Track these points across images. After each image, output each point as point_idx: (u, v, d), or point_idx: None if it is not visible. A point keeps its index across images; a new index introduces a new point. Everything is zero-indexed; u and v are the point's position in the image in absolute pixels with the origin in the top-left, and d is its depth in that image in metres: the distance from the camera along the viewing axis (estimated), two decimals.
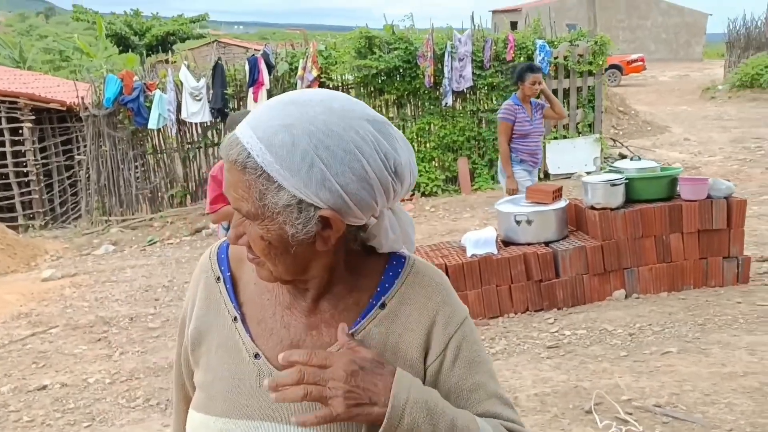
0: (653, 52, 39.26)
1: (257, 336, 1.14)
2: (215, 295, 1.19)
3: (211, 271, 1.21)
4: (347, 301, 1.14)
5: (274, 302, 1.15)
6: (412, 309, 1.13)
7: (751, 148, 12.53)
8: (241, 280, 1.20)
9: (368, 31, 10.12)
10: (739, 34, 22.40)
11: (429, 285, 1.15)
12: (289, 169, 0.96)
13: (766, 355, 4.22)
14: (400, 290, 1.14)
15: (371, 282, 1.15)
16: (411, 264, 1.17)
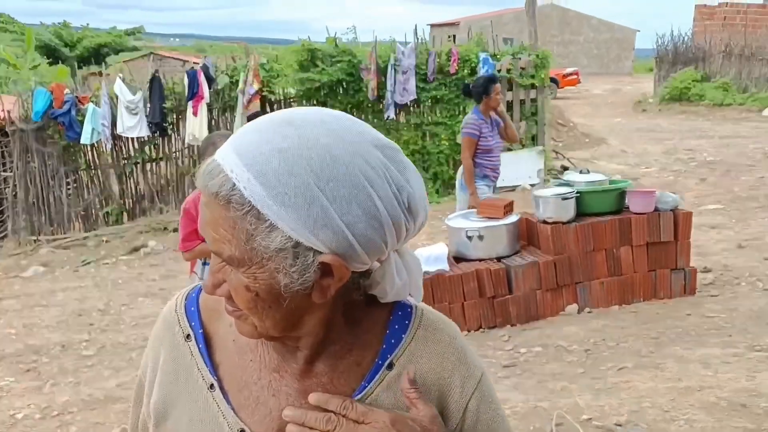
0: (586, 66, 40.36)
1: (240, 407, 0.94)
2: (184, 358, 0.98)
3: (178, 327, 1.00)
4: (347, 361, 0.95)
5: (258, 364, 0.95)
6: (425, 369, 0.96)
7: (684, 159, 12.88)
8: (215, 336, 0.99)
9: (311, 44, 9.96)
10: (668, 50, 23.15)
11: (441, 341, 0.98)
12: (284, 205, 0.78)
13: (719, 368, 4.23)
14: (410, 347, 0.96)
15: (374, 338, 0.96)
16: (419, 315, 0.99)
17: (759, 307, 5.19)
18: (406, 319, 0.98)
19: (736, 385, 4.00)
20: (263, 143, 0.80)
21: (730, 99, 19.80)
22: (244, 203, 0.78)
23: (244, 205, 0.78)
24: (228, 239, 0.80)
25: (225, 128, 10.11)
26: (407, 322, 0.98)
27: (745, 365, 4.25)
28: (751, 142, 13.89)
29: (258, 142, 0.80)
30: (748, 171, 11.09)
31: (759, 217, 8.08)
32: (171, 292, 7.39)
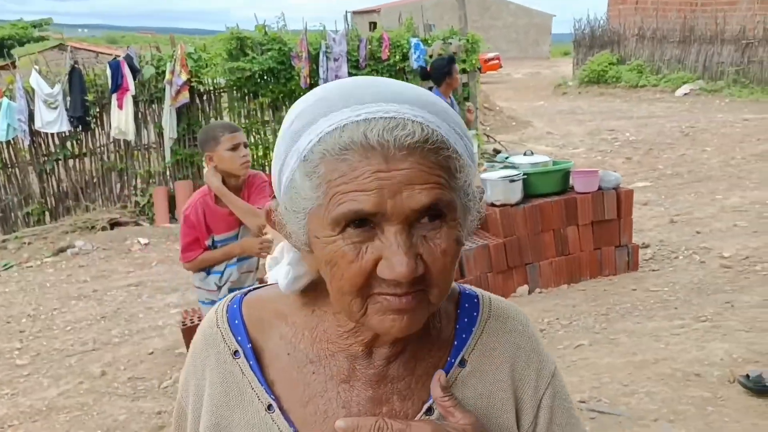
0: (505, 51, 41.11)
1: (304, 425, 0.85)
2: (234, 377, 0.88)
3: (224, 344, 0.89)
4: (426, 363, 0.87)
5: (323, 376, 0.86)
6: (499, 362, 0.90)
7: (608, 139, 13.29)
8: (266, 350, 0.89)
9: (239, 32, 9.67)
10: (584, 34, 23.81)
11: (514, 330, 0.92)
12: (460, 139, 0.77)
13: (670, 340, 4.37)
14: (481, 340, 0.90)
15: (447, 332, 0.90)
16: (487, 305, 0.93)
17: (699, 279, 5.40)
18: (474, 310, 0.92)
19: (688, 355, 4.13)
20: (406, 89, 0.77)
21: (645, 80, 20.58)
22: (443, 143, 0.74)
23: (443, 144, 0.74)
24: (442, 183, 0.73)
25: (153, 121, 9.74)
26: (475, 313, 0.92)
27: (693, 336, 4.41)
28: (667, 122, 14.46)
29: (401, 89, 0.77)
30: (669, 149, 11.55)
31: (685, 192, 8.41)
32: (106, 293, 7.09)
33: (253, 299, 0.94)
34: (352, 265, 0.73)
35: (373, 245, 0.73)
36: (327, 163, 0.73)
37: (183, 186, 9.68)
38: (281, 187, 0.80)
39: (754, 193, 7.99)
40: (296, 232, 0.79)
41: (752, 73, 18.36)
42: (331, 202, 0.72)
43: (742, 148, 10.91)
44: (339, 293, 0.76)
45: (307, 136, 0.74)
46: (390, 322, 0.75)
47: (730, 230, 6.61)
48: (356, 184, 0.71)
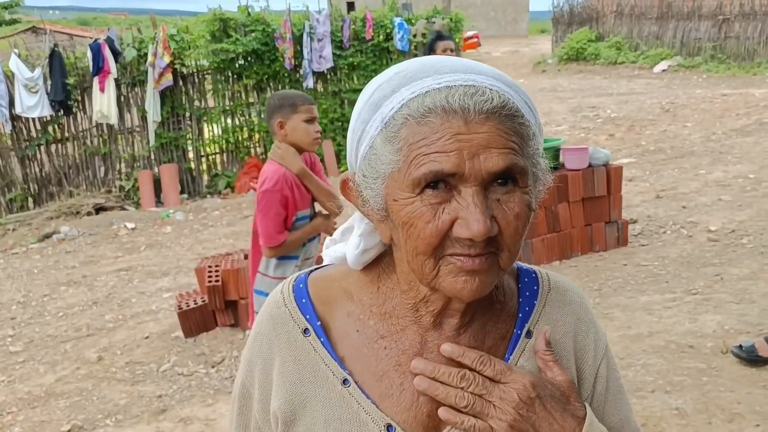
0: (484, 29, 40.99)
1: (381, 399, 0.87)
2: (307, 354, 0.90)
3: (292, 322, 0.91)
4: (494, 335, 0.91)
5: (395, 350, 0.88)
6: (561, 334, 0.93)
7: (590, 116, 13.39)
8: (334, 328, 0.91)
9: (222, 14, 9.57)
10: (563, 11, 23.86)
11: (573, 302, 0.96)
12: (530, 110, 0.82)
13: (663, 313, 4.46)
14: (544, 311, 0.94)
15: (511, 306, 0.93)
16: (546, 279, 0.97)
17: (687, 253, 5.50)
18: (534, 284, 0.96)
19: (681, 328, 4.23)
20: (479, 65, 0.82)
21: (623, 57, 20.69)
22: (517, 111, 0.79)
23: (518, 112, 0.79)
24: (517, 150, 0.77)
25: (136, 104, 9.63)
26: (536, 287, 0.96)
27: (685, 309, 4.50)
28: (647, 98, 14.58)
29: (474, 64, 0.82)
30: (651, 125, 11.66)
31: (669, 168, 8.52)
32: (96, 279, 7.05)
33: (318, 278, 0.96)
34: (429, 225, 0.76)
35: (449, 206, 0.76)
36: (409, 127, 0.76)
37: (168, 169, 9.61)
38: (358, 157, 0.83)
39: (737, 167, 8.12)
40: (373, 198, 0.82)
41: (729, 48, 18.54)
42: (412, 164, 0.76)
43: (722, 123, 11.05)
44: (413, 254, 0.79)
45: (389, 104, 0.79)
46: (462, 283, 0.78)
47: (715, 204, 6.72)
48: (438, 146, 0.75)
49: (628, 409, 0.99)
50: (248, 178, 9.87)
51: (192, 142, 9.97)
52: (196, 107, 9.90)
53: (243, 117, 10.20)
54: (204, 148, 10.12)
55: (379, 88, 0.82)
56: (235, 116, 10.15)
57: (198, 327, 5.00)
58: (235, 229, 8.16)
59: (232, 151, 10.22)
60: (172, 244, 7.92)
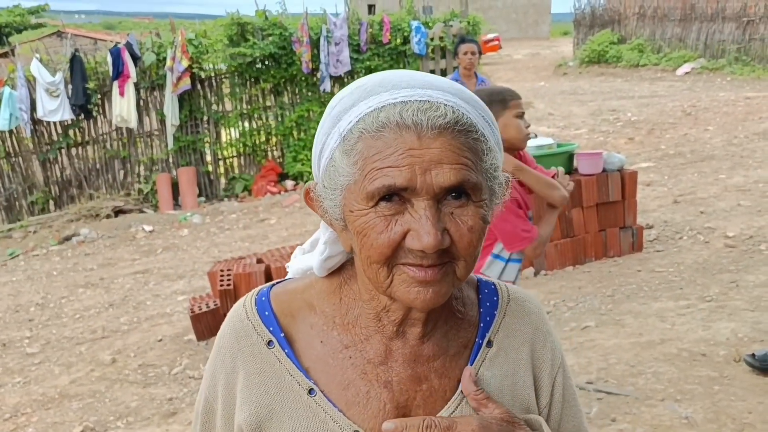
0: (505, 31, 40.86)
1: (348, 407, 0.88)
2: (271, 366, 0.91)
3: (256, 335, 0.92)
4: (457, 343, 0.93)
5: (360, 360, 0.90)
6: (520, 343, 0.96)
7: (610, 120, 13.26)
8: (297, 340, 0.92)
9: (240, 18, 9.64)
10: (585, 13, 23.68)
11: (531, 313, 0.98)
12: (488, 125, 0.83)
13: (676, 320, 4.40)
14: (504, 322, 0.96)
15: (472, 315, 0.95)
16: (506, 290, 0.99)
17: (703, 259, 5.42)
18: (494, 295, 0.98)
19: (694, 335, 4.17)
20: (438, 79, 0.83)
21: (646, 60, 20.48)
22: (471, 126, 0.80)
23: (472, 127, 0.80)
24: (470, 165, 0.79)
25: (155, 108, 9.73)
26: (495, 298, 0.98)
27: (699, 316, 4.44)
28: (669, 101, 14.42)
29: (433, 78, 0.83)
30: (671, 128, 11.52)
31: (688, 172, 8.41)
32: (113, 281, 7.13)
33: (280, 291, 0.97)
34: (382, 236, 0.78)
35: (402, 218, 0.78)
36: (364, 141, 0.79)
37: (186, 172, 9.71)
38: (320, 167, 0.86)
39: (758, 172, 7.99)
40: (332, 208, 0.84)
41: (754, 50, 18.28)
42: (367, 177, 0.78)
43: (744, 127, 10.89)
44: (368, 262, 0.81)
45: (348, 118, 0.81)
46: (415, 293, 0.80)
47: (733, 210, 6.62)
48: (391, 160, 0.76)
49: (582, 415, 1.02)
50: (265, 182, 9.94)
51: (210, 145, 10.05)
52: (214, 111, 9.98)
53: (260, 120, 10.27)
54: (221, 151, 10.20)
55: (341, 101, 0.83)
56: (253, 120, 10.21)
57: (210, 330, 5.03)
58: (251, 233, 8.21)
59: (250, 155, 10.28)
60: (189, 247, 7.98)
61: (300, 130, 10.27)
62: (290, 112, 10.21)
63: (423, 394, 0.89)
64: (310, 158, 10.06)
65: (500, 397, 0.91)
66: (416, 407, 0.89)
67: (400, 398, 0.89)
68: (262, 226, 8.48)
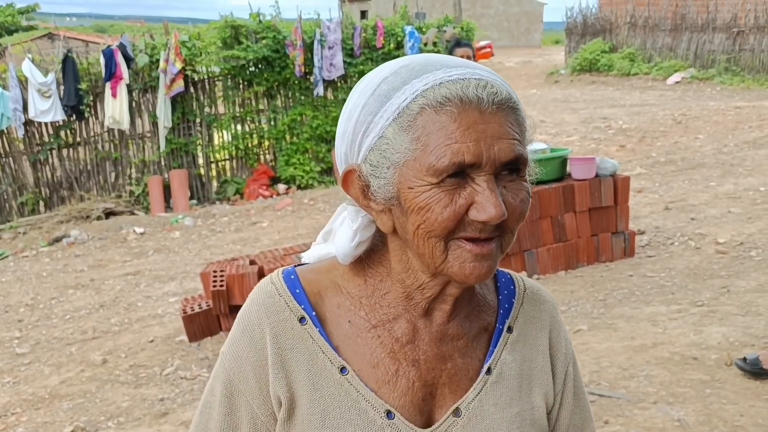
0: (497, 39, 41.04)
1: (378, 386, 0.89)
2: (304, 342, 0.90)
3: (288, 311, 0.91)
4: (478, 325, 0.95)
5: (388, 339, 0.91)
6: (538, 330, 0.98)
7: (602, 127, 13.33)
8: (326, 319, 0.92)
9: (234, 21, 9.64)
10: (576, 22, 23.81)
11: (546, 301, 1.01)
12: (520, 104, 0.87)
13: (668, 324, 4.43)
14: (522, 309, 0.98)
15: (491, 300, 0.98)
16: (521, 280, 1.02)
17: (694, 265, 5.46)
18: (511, 284, 1.00)
19: (686, 339, 4.19)
20: (477, 64, 0.86)
21: (637, 69, 20.59)
22: (518, 104, 0.83)
23: (518, 105, 0.83)
24: (519, 139, 0.82)
25: (147, 110, 9.71)
26: (512, 287, 1.00)
27: (690, 320, 4.46)
28: (659, 110, 14.51)
29: (475, 64, 0.85)
30: (662, 136, 11.60)
31: (679, 179, 8.47)
32: (103, 282, 7.09)
33: (307, 270, 0.96)
34: (447, 209, 0.79)
35: (464, 192, 0.79)
36: (426, 115, 0.79)
37: (178, 175, 9.68)
38: (361, 149, 0.84)
39: (748, 179, 8.06)
40: (383, 187, 0.83)
41: (743, 61, 18.42)
42: (433, 153, 0.78)
43: (734, 136, 10.98)
44: (425, 237, 0.81)
45: (401, 95, 0.81)
46: (470, 268, 0.81)
47: (724, 216, 6.67)
48: (458, 135, 0.78)
49: (589, 408, 1.05)
50: (257, 185, 9.92)
51: (202, 148, 10.03)
52: (207, 113, 9.96)
53: (253, 124, 10.26)
54: (214, 154, 10.18)
55: (385, 80, 0.83)
56: (245, 123, 10.21)
57: (202, 331, 5.01)
58: (243, 236, 8.19)
59: (242, 158, 10.27)
60: (180, 249, 7.95)
61: (293, 134, 10.27)
62: (283, 116, 10.21)
63: (448, 372, 0.92)
64: (302, 161, 9.98)
65: (521, 382, 0.94)
66: (442, 385, 0.92)
67: (428, 377, 0.91)
68: (254, 229, 8.46)
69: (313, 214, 8.93)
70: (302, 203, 9.46)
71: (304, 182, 10.15)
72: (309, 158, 10.32)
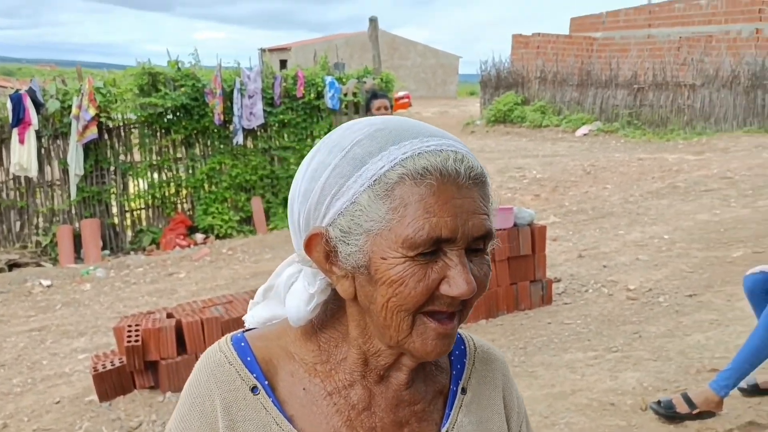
0: (414, 90, 42.11)
1: None
2: (257, 413, 0.86)
3: (240, 380, 0.87)
4: (434, 388, 0.94)
5: (344, 406, 0.88)
6: (491, 389, 0.98)
7: (517, 177, 13.78)
8: (279, 388, 0.89)
9: (152, 68, 9.50)
10: (491, 75, 24.75)
11: (497, 359, 1.02)
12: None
13: (585, 371, 4.53)
14: (475, 369, 0.98)
15: (443, 363, 0.97)
16: (471, 339, 1.02)
17: (608, 311, 5.64)
18: (461, 344, 1.00)
19: (603, 385, 4.30)
20: (444, 131, 0.87)
21: (548, 121, 21.53)
22: (486, 178, 0.83)
23: (486, 179, 0.83)
24: (488, 214, 0.82)
25: (58, 157, 9.35)
26: (463, 347, 0.99)
27: (606, 366, 4.59)
28: (570, 160, 15.15)
29: (446, 132, 0.86)
30: (573, 186, 12.09)
31: (591, 228, 8.81)
32: (5, 340, 6.67)
33: (255, 337, 0.92)
34: (420, 284, 0.78)
35: (436, 266, 0.78)
36: (405, 186, 0.78)
37: (89, 224, 9.32)
38: (329, 211, 0.82)
39: (653, 228, 8.46)
40: (352, 254, 0.80)
41: (644, 115, 19.57)
42: (410, 225, 0.77)
43: (639, 186, 11.56)
44: (395, 311, 0.79)
45: (378, 161, 0.79)
46: (432, 345, 0.81)
47: (633, 264, 6.95)
48: (437, 209, 0.77)
49: None
50: (174, 235, 9.66)
51: (116, 196, 9.72)
52: (122, 161, 9.69)
53: (170, 172, 10.05)
54: (129, 203, 9.87)
55: (359, 143, 0.81)
56: (162, 171, 9.99)
57: (114, 390, 4.76)
58: (159, 287, 7.91)
59: (158, 207, 10.01)
60: (91, 303, 7.60)
61: (211, 183, 10.11)
62: (202, 164, 10.06)
63: None
64: (221, 211, 9.79)
65: None
66: None
67: None
68: (171, 280, 8.20)
69: (232, 264, 8.75)
70: (221, 253, 9.26)
71: (222, 231, 9.97)
72: (228, 207, 10.17)
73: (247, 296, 5.41)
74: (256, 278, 7.79)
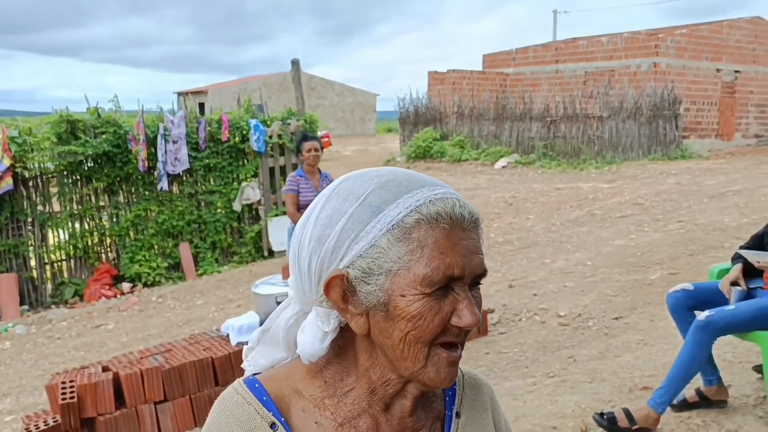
0: (333, 129, 42.44)
1: None
2: None
3: (259, 418, 0.93)
4: (432, 415, 1.02)
5: None
6: (481, 412, 1.06)
7: None
8: (293, 424, 0.95)
9: (70, 115, 9.29)
10: (409, 111, 25.28)
11: (484, 384, 1.10)
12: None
13: (526, 397, 4.67)
14: (465, 394, 1.06)
15: (438, 389, 1.04)
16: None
17: (542, 338, 5.84)
18: None
19: (544, 410, 4.44)
20: (440, 181, 0.96)
21: (467, 155, 22.11)
22: (481, 220, 0.94)
23: (481, 221, 0.94)
24: (483, 254, 0.92)
25: None
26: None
27: (545, 391, 4.74)
28: (491, 193, 15.61)
29: (438, 180, 0.95)
30: (497, 218, 12.45)
31: (518, 258, 9.10)
32: None
33: (267, 378, 0.99)
34: (437, 317, 0.87)
35: (447, 300, 0.88)
36: (422, 230, 0.88)
37: (6, 279, 8.92)
38: (347, 256, 0.89)
39: (576, 255, 8.82)
40: (372, 293, 0.88)
41: (558, 146, 20.40)
42: (428, 265, 0.86)
43: (559, 215, 12.02)
44: (413, 344, 0.88)
45: (396, 208, 0.89)
46: (445, 373, 0.90)
47: (561, 291, 7.23)
48: (449, 250, 0.87)
49: None
50: (99, 285, 9.36)
51: (34, 249, 9.36)
52: (40, 212, 9.36)
53: (93, 221, 9.77)
54: (48, 255, 9.51)
55: (373, 192, 0.90)
56: (84, 220, 9.70)
57: None
58: (86, 341, 7.63)
59: (81, 257, 9.69)
60: (13, 361, 7.25)
61: (137, 230, 9.90)
62: (126, 212, 9.84)
63: None
64: (148, 258, 9.56)
65: None
66: None
67: None
68: (99, 332, 7.93)
69: (163, 312, 8.55)
70: (150, 301, 9.03)
71: (150, 279, 9.73)
72: (155, 254, 9.96)
73: (186, 343, 5.31)
74: (190, 325, 7.63)
